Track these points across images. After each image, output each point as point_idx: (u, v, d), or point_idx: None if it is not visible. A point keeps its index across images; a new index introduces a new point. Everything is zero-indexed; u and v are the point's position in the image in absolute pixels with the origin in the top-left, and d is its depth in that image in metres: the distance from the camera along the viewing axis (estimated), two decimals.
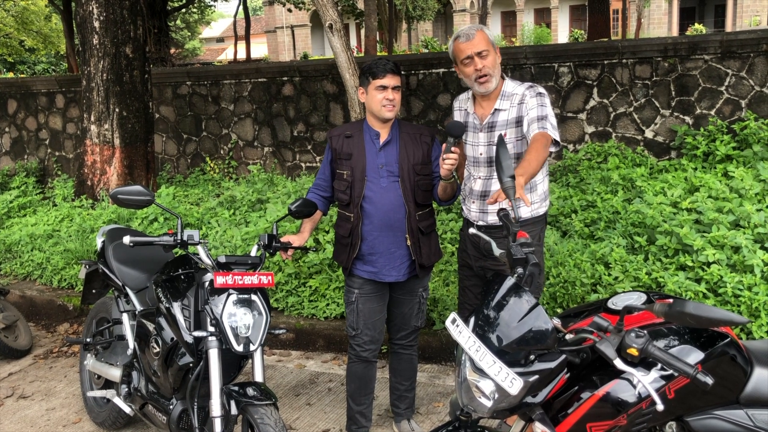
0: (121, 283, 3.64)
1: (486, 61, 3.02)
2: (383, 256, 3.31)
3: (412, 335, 3.56)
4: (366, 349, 3.43)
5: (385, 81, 3.18)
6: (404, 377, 3.63)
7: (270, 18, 48.41)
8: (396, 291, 3.45)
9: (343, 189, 3.32)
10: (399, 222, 3.27)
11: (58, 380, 4.67)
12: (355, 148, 3.30)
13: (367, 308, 3.38)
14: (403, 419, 3.70)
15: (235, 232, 5.45)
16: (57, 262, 5.90)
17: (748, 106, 6.40)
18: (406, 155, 3.27)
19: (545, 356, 2.07)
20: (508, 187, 2.36)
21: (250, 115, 8.62)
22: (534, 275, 2.28)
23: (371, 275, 3.34)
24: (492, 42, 3.06)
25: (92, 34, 6.95)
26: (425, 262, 3.35)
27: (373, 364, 3.50)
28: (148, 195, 3.01)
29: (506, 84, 3.13)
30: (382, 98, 3.19)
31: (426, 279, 3.49)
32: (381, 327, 3.45)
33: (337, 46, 4.71)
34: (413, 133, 3.33)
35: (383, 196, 3.26)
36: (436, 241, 3.45)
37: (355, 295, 3.38)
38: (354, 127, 3.38)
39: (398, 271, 3.33)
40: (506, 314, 2.09)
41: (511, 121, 3.09)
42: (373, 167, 3.28)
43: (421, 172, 3.29)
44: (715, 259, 4.10)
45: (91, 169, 7.25)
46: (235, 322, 2.90)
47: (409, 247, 3.30)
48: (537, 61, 7.07)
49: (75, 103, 9.58)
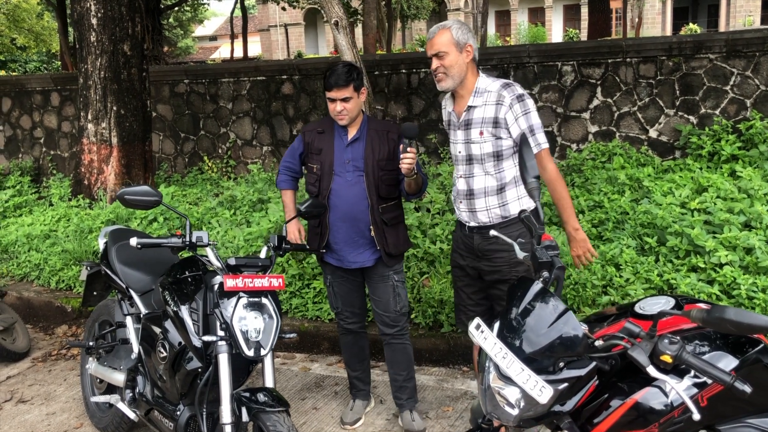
0: (124, 286, 3.55)
1: (442, 61, 3.04)
2: (347, 245, 3.49)
3: (398, 324, 3.63)
4: (350, 322, 3.72)
5: (332, 94, 3.34)
6: (400, 368, 3.69)
7: (263, 16, 48.27)
8: (370, 278, 3.61)
9: (313, 182, 3.51)
10: (362, 214, 3.43)
11: (58, 384, 4.57)
12: (325, 144, 3.48)
13: (343, 290, 3.65)
14: (405, 410, 3.74)
15: (237, 233, 5.37)
16: (55, 263, 5.80)
17: (753, 106, 6.36)
18: (371, 151, 3.42)
19: (574, 363, 2.00)
20: (532, 188, 2.30)
21: (249, 114, 8.53)
22: (560, 279, 2.21)
23: (338, 262, 3.55)
24: (456, 41, 3.03)
25: (90, 31, 6.85)
26: (392, 251, 3.50)
27: (362, 334, 3.78)
28: (156, 195, 2.93)
29: (480, 80, 3.12)
30: (333, 109, 3.38)
31: (397, 266, 3.59)
32: (361, 303, 3.73)
33: (343, 44, 4.63)
34: (381, 130, 3.49)
35: (348, 190, 3.42)
36: (404, 232, 3.61)
37: (329, 280, 3.67)
38: (326, 124, 3.54)
39: (363, 257, 3.51)
40: (534, 320, 2.02)
41: (488, 119, 3.07)
42: (340, 162, 3.44)
43: (386, 167, 3.42)
44: (728, 261, 4.05)
45: (89, 168, 7.14)
46: (245, 326, 2.83)
47: (374, 237, 3.44)
48: (540, 60, 7.01)
49: (70, 101, 9.47)
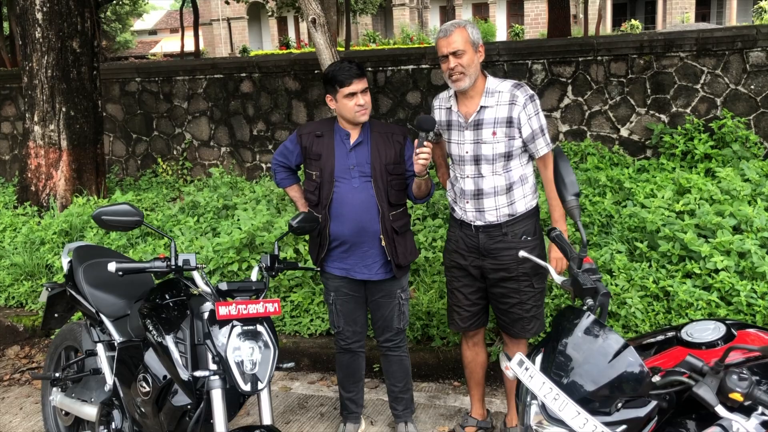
0: (94, 310, 3.22)
1: (460, 60, 2.96)
2: (355, 255, 3.26)
3: (397, 337, 3.47)
4: (350, 342, 3.47)
5: (353, 87, 3.10)
6: (397, 379, 3.54)
7: (205, 10, 47.02)
8: (374, 294, 3.37)
9: (312, 190, 3.27)
10: (372, 222, 3.19)
11: (13, 414, 4.18)
12: (325, 149, 3.23)
13: (346, 308, 3.40)
14: (401, 421, 3.61)
15: (204, 243, 5.03)
16: (3, 279, 5.36)
17: (723, 104, 6.36)
18: (378, 155, 3.20)
19: (632, 402, 1.82)
20: (572, 207, 2.10)
21: (206, 114, 8.15)
22: (605, 306, 2.02)
23: (343, 272, 3.30)
24: (472, 40, 3.00)
25: (34, 27, 6.37)
26: (402, 262, 3.28)
27: (360, 354, 3.54)
28: (137, 215, 2.63)
29: (489, 81, 3.08)
30: (354, 105, 3.13)
31: (404, 279, 3.40)
32: (363, 321, 3.48)
33: (321, 43, 4.37)
34: (385, 132, 3.27)
35: (355, 197, 3.18)
36: (412, 240, 3.39)
37: (332, 297, 3.40)
38: (325, 126, 3.29)
39: (370, 270, 3.27)
40: (588, 356, 1.83)
41: (501, 120, 3.03)
42: (343, 168, 3.20)
43: (394, 171, 3.22)
44: (724, 266, 3.96)
45: (35, 174, 6.67)
46: (239, 356, 2.56)
47: (384, 247, 3.22)
48: (510, 58, 6.87)
49: (10, 100, 8.90)
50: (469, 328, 3.37)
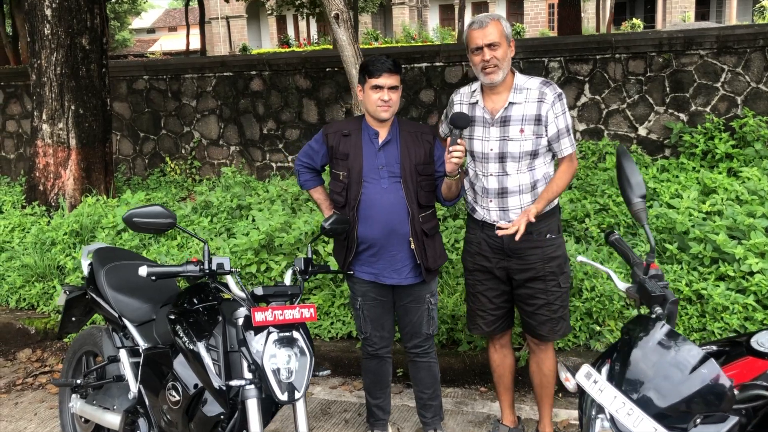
0: (117, 315, 3.11)
1: (495, 53, 2.90)
2: (383, 258, 3.14)
3: (426, 342, 3.37)
4: (378, 347, 3.36)
5: (381, 80, 3.02)
6: (425, 386, 3.43)
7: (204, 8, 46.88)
8: (402, 299, 3.26)
9: (339, 191, 3.16)
10: (402, 224, 3.08)
11: (28, 419, 4.07)
12: (353, 148, 3.12)
13: (373, 314, 3.28)
14: (430, 428, 3.50)
15: (221, 244, 4.92)
16: (14, 280, 5.24)
17: (744, 103, 6.26)
18: (407, 155, 3.09)
19: (712, 417, 1.72)
20: (639, 209, 2.00)
21: (215, 112, 8.03)
22: (673, 314, 1.92)
23: (371, 276, 3.19)
24: (506, 34, 2.96)
25: (43, 23, 6.25)
26: (431, 266, 3.17)
27: (387, 360, 3.43)
28: (170, 217, 2.52)
29: (517, 77, 3.01)
30: (377, 98, 3.04)
31: (433, 284, 3.29)
32: (390, 326, 3.37)
33: (343, 39, 4.25)
34: (414, 131, 3.18)
35: (384, 198, 3.07)
36: (441, 243, 3.29)
37: (359, 303, 3.28)
38: (352, 125, 3.20)
39: (399, 275, 3.16)
40: (664, 368, 1.73)
41: (529, 117, 2.96)
42: (372, 168, 3.09)
43: (424, 172, 3.11)
44: (759, 269, 3.86)
45: (44, 173, 6.54)
46: (275, 364, 2.45)
47: (414, 250, 3.11)
48: (526, 56, 6.76)
49: (16, 98, 8.76)
50: (494, 332, 3.28)
